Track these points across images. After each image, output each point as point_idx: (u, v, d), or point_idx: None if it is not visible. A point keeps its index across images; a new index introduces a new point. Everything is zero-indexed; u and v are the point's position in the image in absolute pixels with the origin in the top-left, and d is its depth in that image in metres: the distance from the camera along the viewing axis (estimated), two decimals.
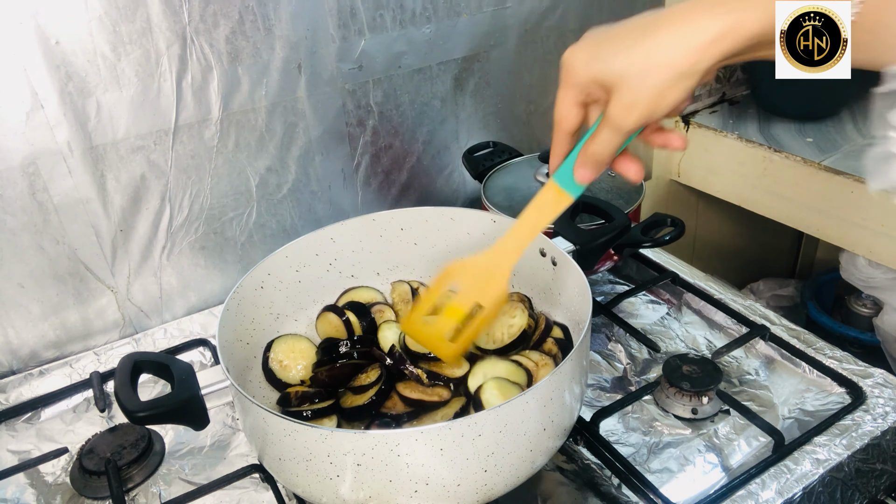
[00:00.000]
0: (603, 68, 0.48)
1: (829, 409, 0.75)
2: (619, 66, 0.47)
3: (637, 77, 0.46)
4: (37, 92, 0.76)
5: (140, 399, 0.57)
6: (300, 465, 0.56)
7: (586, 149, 0.53)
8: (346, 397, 0.70)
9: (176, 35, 0.81)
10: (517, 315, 0.73)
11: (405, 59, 0.98)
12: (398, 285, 0.84)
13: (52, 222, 0.83)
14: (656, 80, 0.46)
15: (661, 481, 0.68)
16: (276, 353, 0.74)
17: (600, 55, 0.48)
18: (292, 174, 0.96)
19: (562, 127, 0.53)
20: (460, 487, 0.55)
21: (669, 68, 0.46)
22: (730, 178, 1.30)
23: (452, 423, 0.53)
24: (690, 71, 0.46)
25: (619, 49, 0.47)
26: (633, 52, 0.46)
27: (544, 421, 0.57)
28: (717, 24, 0.45)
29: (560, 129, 0.53)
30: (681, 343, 0.87)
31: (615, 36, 0.48)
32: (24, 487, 0.72)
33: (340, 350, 0.74)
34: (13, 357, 0.88)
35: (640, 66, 0.46)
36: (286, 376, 0.73)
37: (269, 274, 0.75)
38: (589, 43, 0.49)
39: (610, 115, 0.49)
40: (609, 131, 0.50)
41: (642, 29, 0.47)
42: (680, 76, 0.46)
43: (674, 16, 0.46)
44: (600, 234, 0.74)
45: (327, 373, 0.71)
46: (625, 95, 0.47)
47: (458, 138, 1.10)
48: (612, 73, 0.47)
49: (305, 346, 0.76)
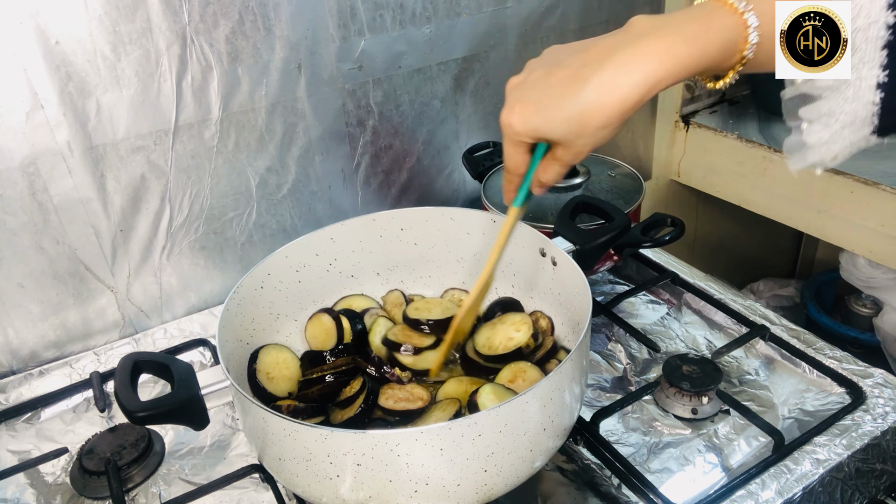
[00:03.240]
0: (541, 127, 0.54)
1: (829, 409, 0.75)
2: (558, 128, 0.54)
3: (574, 134, 0.53)
4: (37, 92, 0.76)
5: (140, 399, 0.57)
6: (300, 465, 0.56)
7: (540, 179, 0.60)
8: (334, 413, 0.69)
9: (176, 35, 0.81)
10: (522, 330, 0.73)
11: (405, 60, 0.98)
12: (391, 294, 0.85)
13: (52, 222, 0.83)
14: (592, 130, 0.53)
15: (661, 481, 0.68)
16: (263, 364, 0.72)
17: (538, 113, 0.54)
18: (292, 174, 0.96)
19: (516, 173, 0.60)
20: (460, 487, 0.55)
21: (601, 119, 0.52)
22: (730, 178, 1.30)
23: (452, 423, 0.53)
24: (621, 113, 0.51)
25: (553, 108, 0.53)
26: (568, 111, 0.52)
27: (544, 421, 0.57)
28: (644, 68, 0.50)
29: (514, 175, 0.60)
30: (681, 343, 0.87)
31: (548, 87, 0.54)
32: (23, 487, 0.72)
33: (327, 360, 0.74)
34: (13, 357, 0.88)
35: (576, 125, 0.52)
36: (274, 389, 0.71)
37: (269, 274, 0.75)
38: (522, 101, 0.55)
39: (558, 157, 0.57)
40: (559, 166, 0.58)
41: (573, 78, 0.52)
42: (611, 120, 0.52)
43: (601, 62, 0.51)
44: (600, 234, 0.74)
45: (318, 391, 0.70)
46: (569, 147, 0.55)
47: (458, 138, 1.10)
48: (552, 132, 0.54)
49: (289, 356, 0.75)
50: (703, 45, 0.50)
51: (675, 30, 0.51)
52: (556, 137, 0.55)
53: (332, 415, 0.69)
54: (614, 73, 0.50)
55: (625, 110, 0.51)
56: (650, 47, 0.50)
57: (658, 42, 0.50)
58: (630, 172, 1.00)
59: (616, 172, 1.01)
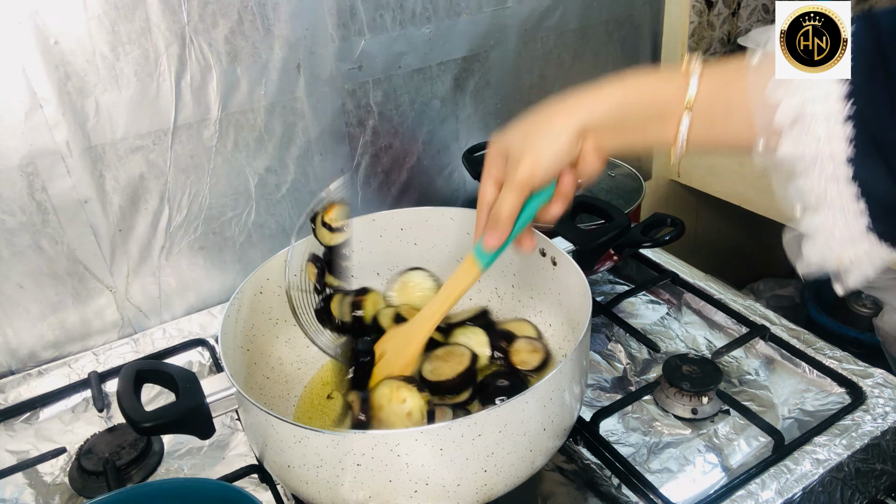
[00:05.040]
0: (508, 145, 0.59)
1: (828, 409, 0.74)
2: (517, 148, 0.58)
3: (529, 155, 0.57)
4: (35, 92, 0.76)
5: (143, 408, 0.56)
6: (307, 468, 0.56)
7: (492, 212, 0.61)
8: None
9: (175, 35, 0.81)
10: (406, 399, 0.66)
11: (405, 59, 0.98)
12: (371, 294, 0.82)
13: (51, 222, 0.83)
14: (541, 158, 0.57)
15: (661, 481, 0.68)
16: None
17: (506, 138, 0.60)
18: (291, 174, 0.96)
19: (482, 201, 0.62)
20: (460, 487, 0.55)
21: (548, 154, 0.57)
22: (730, 178, 1.30)
23: (452, 422, 0.52)
24: (561, 156, 0.57)
25: (517, 137, 0.59)
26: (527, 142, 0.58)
27: (544, 421, 0.57)
28: (571, 125, 0.56)
29: (480, 204, 0.63)
30: (681, 343, 0.86)
31: (517, 129, 0.60)
32: (22, 487, 0.72)
33: None
34: (12, 357, 0.88)
35: (532, 150, 0.57)
36: None
37: (269, 279, 0.75)
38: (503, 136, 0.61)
39: (508, 177, 0.59)
40: (508, 189, 0.59)
41: (530, 129, 0.58)
42: (554, 160, 0.57)
43: (544, 120, 0.57)
44: (600, 234, 0.74)
45: None
46: (521, 165, 0.58)
47: (458, 138, 1.10)
48: (514, 148, 0.59)
49: None
50: (636, 88, 0.55)
51: None
52: (514, 153, 0.58)
53: None
54: (554, 130, 0.57)
55: (563, 155, 0.57)
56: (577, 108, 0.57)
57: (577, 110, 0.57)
58: (630, 172, 1.00)
59: (616, 172, 1.01)
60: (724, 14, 1.25)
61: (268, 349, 0.76)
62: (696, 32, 1.23)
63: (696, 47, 1.25)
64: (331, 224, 0.71)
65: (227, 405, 0.59)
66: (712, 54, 1.29)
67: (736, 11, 1.27)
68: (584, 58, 1.16)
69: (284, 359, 0.78)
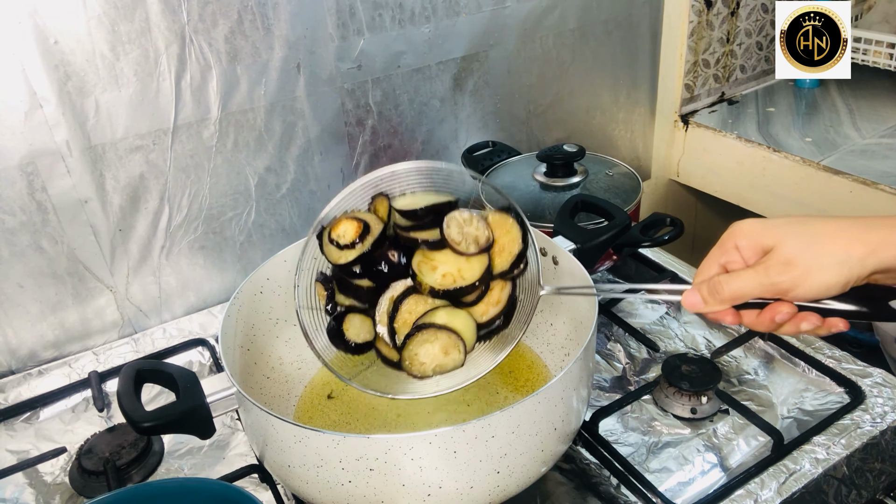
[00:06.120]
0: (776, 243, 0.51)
1: (828, 408, 0.75)
2: (798, 257, 0.50)
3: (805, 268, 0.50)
4: (35, 91, 0.76)
5: (144, 408, 0.57)
6: (311, 471, 0.56)
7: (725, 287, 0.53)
8: None
9: (175, 34, 0.81)
10: None
11: (404, 59, 0.98)
12: None
13: (51, 222, 0.83)
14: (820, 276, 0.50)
15: (660, 481, 0.68)
16: None
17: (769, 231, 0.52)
18: (291, 174, 0.96)
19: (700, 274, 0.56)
20: (473, 490, 0.55)
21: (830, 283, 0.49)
22: (729, 177, 1.30)
23: (466, 424, 0.52)
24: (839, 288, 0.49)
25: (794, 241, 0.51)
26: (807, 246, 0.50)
27: (554, 420, 0.58)
28: (869, 263, 0.49)
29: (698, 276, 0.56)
30: (680, 343, 0.87)
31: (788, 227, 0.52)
32: (22, 487, 0.72)
33: None
34: (12, 357, 0.88)
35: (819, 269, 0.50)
36: None
37: (269, 279, 0.75)
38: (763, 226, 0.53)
39: (775, 281, 0.51)
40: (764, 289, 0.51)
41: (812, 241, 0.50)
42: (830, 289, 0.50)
43: (832, 239, 0.50)
44: (601, 233, 0.74)
45: None
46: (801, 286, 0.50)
47: (458, 138, 1.10)
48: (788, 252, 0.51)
49: None
50: None
51: None
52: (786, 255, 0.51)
53: None
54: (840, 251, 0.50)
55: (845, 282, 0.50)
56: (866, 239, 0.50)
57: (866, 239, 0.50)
58: (627, 172, 1.00)
59: (614, 172, 1.01)
60: (723, 14, 1.26)
61: (268, 349, 0.76)
62: (695, 32, 1.24)
63: (695, 47, 1.26)
64: (338, 241, 0.65)
65: (227, 405, 0.59)
66: (711, 54, 1.29)
67: (735, 11, 1.27)
68: (583, 57, 1.16)
69: (284, 359, 0.78)
